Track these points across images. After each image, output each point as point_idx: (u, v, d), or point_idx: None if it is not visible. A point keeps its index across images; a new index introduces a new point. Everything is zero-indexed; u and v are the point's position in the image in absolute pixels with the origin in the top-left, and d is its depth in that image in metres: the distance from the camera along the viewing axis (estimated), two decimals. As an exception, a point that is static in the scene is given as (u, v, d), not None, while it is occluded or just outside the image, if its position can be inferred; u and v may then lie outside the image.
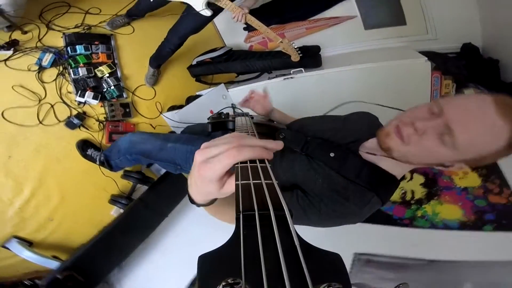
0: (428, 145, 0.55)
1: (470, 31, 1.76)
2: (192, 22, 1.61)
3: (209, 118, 0.91)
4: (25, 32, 1.57)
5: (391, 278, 1.15)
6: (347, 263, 1.23)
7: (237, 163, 0.32)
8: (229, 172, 0.34)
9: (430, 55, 1.59)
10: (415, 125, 0.56)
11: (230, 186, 0.33)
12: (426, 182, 1.42)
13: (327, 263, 0.19)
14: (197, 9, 1.45)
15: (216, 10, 1.51)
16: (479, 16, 1.72)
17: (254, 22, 1.54)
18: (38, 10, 1.61)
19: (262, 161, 0.33)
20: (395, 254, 1.19)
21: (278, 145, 0.36)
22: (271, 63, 2.03)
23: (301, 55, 1.67)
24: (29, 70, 1.52)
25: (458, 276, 1.08)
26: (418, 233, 1.27)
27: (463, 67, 1.54)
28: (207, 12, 1.46)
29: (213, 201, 0.44)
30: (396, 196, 1.41)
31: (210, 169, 0.32)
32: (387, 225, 1.32)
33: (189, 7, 1.49)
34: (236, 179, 0.30)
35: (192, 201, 0.43)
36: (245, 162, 0.32)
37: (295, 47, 1.66)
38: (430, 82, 1.55)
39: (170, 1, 1.51)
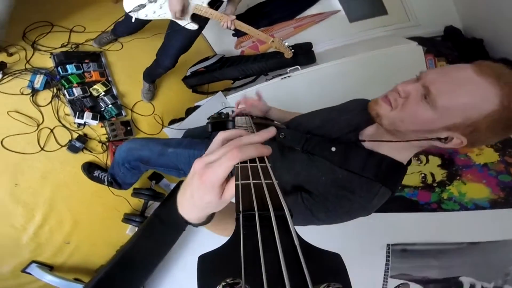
0: (412, 107, 0.58)
1: (448, 13, 1.87)
2: (180, 40, 1.54)
3: (209, 118, 0.91)
4: (11, 54, 1.51)
5: (434, 265, 1.12)
6: (382, 255, 1.19)
7: (237, 163, 0.32)
8: (227, 178, 0.33)
9: (418, 40, 1.66)
10: (399, 89, 0.60)
11: (229, 191, 0.32)
12: (444, 163, 1.39)
13: (327, 263, 0.19)
14: (182, 24, 1.41)
15: (202, 22, 1.48)
16: (452, -1, 1.83)
17: (243, 26, 1.53)
18: (20, 31, 1.56)
19: (262, 160, 0.33)
20: (430, 241, 1.16)
21: (270, 132, 0.36)
22: (266, 64, 2.06)
23: (293, 51, 1.71)
24: (22, 93, 1.46)
25: (507, 255, 1.05)
26: (449, 216, 1.23)
27: (453, 48, 1.63)
28: (194, 26, 1.42)
29: (210, 218, 0.42)
30: (416, 180, 1.38)
31: (213, 173, 0.31)
32: (415, 211, 1.28)
33: (172, 23, 1.45)
34: (236, 179, 0.30)
35: (186, 222, 0.40)
36: (245, 162, 0.32)
37: (287, 44, 1.69)
38: (426, 65, 1.63)
39: (151, 20, 1.46)
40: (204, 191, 0.32)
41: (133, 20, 1.44)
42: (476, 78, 0.51)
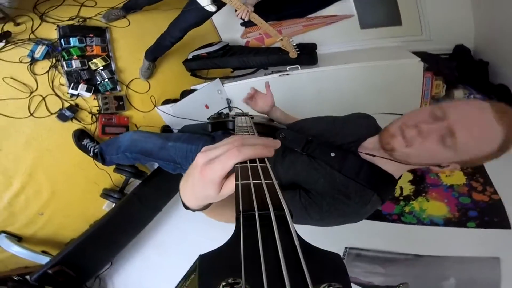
0: (430, 147, 0.58)
1: (463, 33, 1.79)
2: (194, 17, 1.61)
3: (209, 118, 0.92)
4: (18, 24, 1.52)
5: (380, 272, 1.18)
6: None
7: (237, 163, 0.32)
8: (228, 175, 0.34)
9: (423, 55, 1.61)
10: (419, 127, 0.59)
11: (227, 188, 0.33)
12: (414, 179, 1.46)
13: (327, 263, 0.20)
14: (203, 4, 1.45)
15: (220, 5, 1.51)
16: (473, 19, 1.75)
17: (257, 19, 1.54)
18: (32, 2, 1.57)
19: (262, 161, 0.33)
20: (383, 249, 1.23)
21: (276, 143, 0.36)
22: (268, 59, 2.03)
23: (299, 52, 1.68)
24: (20, 62, 1.48)
25: (443, 270, 1.12)
26: (405, 229, 1.30)
27: (455, 68, 1.57)
28: (212, 8, 1.46)
29: (207, 205, 0.44)
30: None
31: (212, 170, 0.32)
32: (377, 220, 1.35)
33: (192, 1, 1.49)
34: (236, 179, 0.30)
35: (186, 207, 0.43)
36: (245, 162, 0.32)
37: (294, 45, 1.67)
38: (422, 82, 1.58)
39: None
40: (203, 185, 0.33)
41: None
42: (497, 126, 0.53)
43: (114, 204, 1.65)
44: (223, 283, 0.16)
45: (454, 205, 1.30)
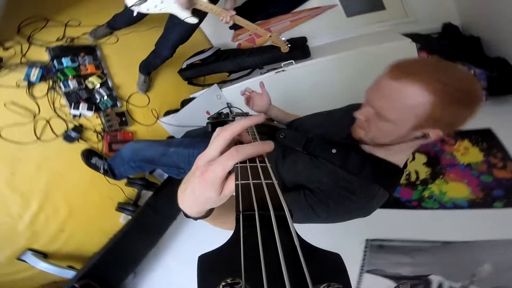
0: (375, 126, 0.64)
1: (447, 11, 1.83)
2: (179, 32, 1.59)
3: (209, 118, 0.92)
4: (7, 48, 1.53)
5: (407, 262, 1.14)
6: (360, 250, 1.22)
7: (237, 163, 0.32)
8: (228, 176, 0.33)
9: (414, 37, 1.65)
10: (357, 117, 0.67)
11: (228, 188, 0.33)
12: (429, 161, 1.40)
13: (327, 263, 0.19)
14: (182, 18, 1.44)
15: (202, 16, 1.51)
16: (453, -5, 1.79)
17: (242, 21, 1.56)
18: (15, 26, 1.57)
19: (262, 161, 0.33)
20: (407, 238, 1.17)
21: (270, 145, 0.35)
22: (262, 58, 2.06)
23: (289, 45, 1.71)
24: (18, 86, 1.49)
25: (476, 256, 1.06)
26: (428, 215, 1.25)
27: (448, 46, 1.61)
28: (194, 20, 1.45)
29: (209, 213, 0.43)
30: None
31: (213, 171, 0.31)
32: (396, 208, 1.30)
33: (172, 16, 1.48)
34: (236, 179, 0.30)
35: (186, 215, 0.41)
36: (245, 162, 0.32)
37: (284, 39, 1.70)
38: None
39: (152, 13, 1.48)
40: (204, 187, 0.33)
41: (134, 14, 1.47)
42: (396, 84, 0.57)
43: (130, 217, 1.65)
44: (223, 283, 0.16)
45: (476, 185, 1.24)
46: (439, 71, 0.56)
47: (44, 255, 1.42)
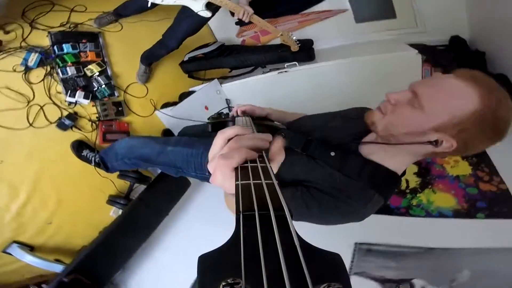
0: (401, 110, 0.63)
1: (457, 24, 1.81)
2: (189, 24, 1.57)
3: (209, 118, 0.91)
4: (8, 32, 1.48)
5: (392, 266, 1.19)
6: (349, 253, 1.27)
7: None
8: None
9: (420, 47, 1.63)
10: (388, 97, 0.65)
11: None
12: (420, 171, 1.46)
13: (327, 263, 0.19)
14: (195, 10, 1.42)
15: (215, 10, 1.49)
16: (466, 9, 1.77)
17: (256, 19, 1.54)
18: (20, 9, 1.52)
19: (262, 161, 0.34)
20: (393, 243, 1.23)
21: (268, 137, 0.38)
22: (265, 57, 2.03)
23: (299, 45, 1.69)
24: (14, 71, 1.45)
25: (456, 263, 1.12)
26: (414, 222, 1.31)
27: (453, 59, 1.59)
28: (207, 13, 1.43)
29: None
30: None
31: (215, 179, 0.34)
32: (385, 214, 1.35)
33: (184, 8, 1.46)
34: (236, 179, 0.30)
35: None
36: (245, 162, 0.33)
37: (295, 39, 1.68)
38: (421, 75, 1.60)
39: (166, 4, 1.46)
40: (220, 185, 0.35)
41: (149, 5, 1.45)
42: (455, 81, 0.57)
43: (120, 210, 1.64)
44: (223, 283, 0.16)
45: (462, 196, 1.31)
46: (499, 93, 0.56)
47: (30, 248, 1.39)
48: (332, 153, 0.71)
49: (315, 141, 0.75)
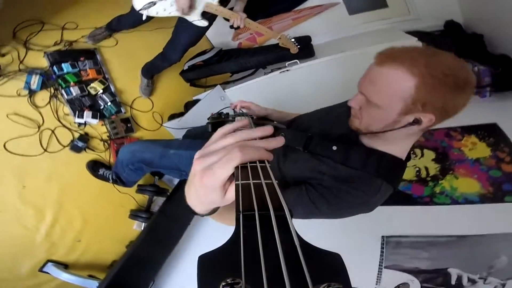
0: (366, 113, 0.66)
1: (449, 8, 1.85)
2: (188, 36, 1.56)
3: (209, 118, 0.91)
4: (3, 55, 1.45)
5: (425, 257, 1.16)
6: (377, 246, 1.25)
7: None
8: (231, 178, 0.32)
9: (418, 34, 1.67)
10: (350, 105, 0.69)
11: (231, 192, 0.32)
12: (438, 157, 1.43)
13: (327, 263, 0.19)
14: (191, 21, 1.42)
15: (211, 19, 1.49)
16: (455, -8, 1.82)
17: (252, 24, 1.54)
18: (10, 30, 1.49)
19: (262, 161, 0.33)
20: (422, 233, 1.20)
21: (279, 141, 0.35)
22: (265, 58, 2.04)
23: (299, 46, 1.70)
24: (19, 95, 1.43)
25: (492, 249, 1.09)
26: (441, 210, 1.27)
27: (451, 43, 1.64)
28: (204, 23, 1.43)
29: (215, 209, 0.43)
30: (411, 174, 1.42)
31: (213, 176, 0.30)
32: (409, 205, 1.32)
33: (181, 19, 1.46)
34: (236, 179, 0.29)
35: (193, 212, 0.41)
36: (245, 162, 0.32)
37: (293, 40, 1.69)
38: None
39: (160, 17, 1.44)
40: (206, 191, 0.32)
41: (143, 18, 1.43)
42: (381, 69, 0.60)
43: (143, 224, 1.65)
44: (223, 283, 0.16)
45: (486, 180, 1.26)
46: (424, 56, 0.58)
47: (64, 266, 1.43)
48: (334, 147, 0.72)
49: (316, 137, 0.76)
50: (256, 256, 0.18)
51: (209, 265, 0.19)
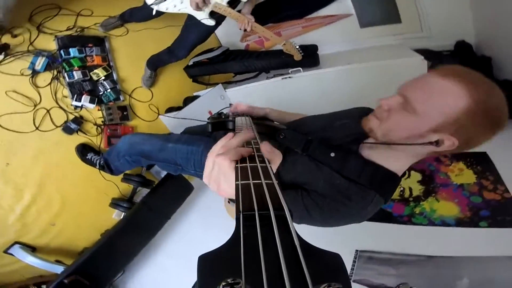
0: (395, 116, 0.63)
1: (463, 28, 1.80)
2: (197, 34, 1.59)
3: (209, 118, 0.91)
4: (15, 36, 1.50)
5: (392, 274, 1.18)
6: (350, 260, 1.28)
7: (237, 163, 0.33)
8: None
9: (425, 53, 1.61)
10: (380, 103, 0.66)
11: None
12: (424, 179, 1.45)
13: (327, 263, 0.19)
14: (199, 19, 1.44)
15: (220, 19, 1.50)
16: (472, 14, 1.76)
17: (259, 28, 1.54)
18: (27, 13, 1.55)
19: (262, 161, 0.34)
20: (395, 251, 1.23)
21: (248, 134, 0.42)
22: (270, 62, 2.04)
23: (303, 54, 1.69)
24: (22, 74, 1.47)
25: (456, 271, 1.12)
26: (417, 230, 1.31)
27: (459, 64, 1.57)
28: (211, 22, 1.45)
29: None
30: (395, 193, 1.45)
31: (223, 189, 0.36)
32: (388, 222, 1.35)
33: (190, 17, 1.48)
34: (236, 179, 0.30)
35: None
36: (245, 162, 0.33)
37: (298, 48, 1.68)
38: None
39: (170, 12, 1.49)
40: (226, 170, 0.35)
41: (153, 13, 1.47)
42: (442, 81, 0.58)
43: (123, 213, 1.64)
44: (223, 283, 0.16)
45: (465, 205, 1.31)
46: (487, 84, 0.57)
47: (32, 249, 1.40)
48: (332, 154, 0.71)
49: (315, 142, 0.75)
50: (256, 256, 0.18)
51: (209, 265, 0.19)
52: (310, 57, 1.94)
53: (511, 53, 1.52)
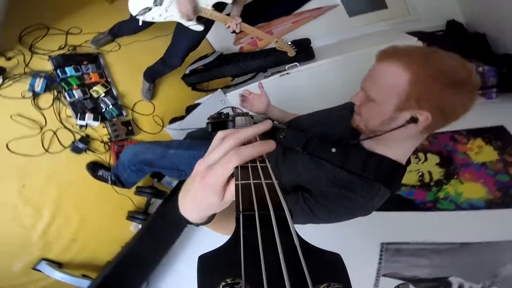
0: (365, 109, 0.67)
1: (449, 8, 1.83)
2: (186, 40, 1.59)
3: (209, 118, 0.92)
4: (9, 59, 1.51)
5: (425, 265, 1.12)
6: (376, 254, 1.21)
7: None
8: (230, 180, 0.32)
9: (419, 35, 1.64)
10: (353, 101, 0.71)
11: (230, 193, 0.32)
12: (442, 161, 1.38)
13: (327, 263, 0.19)
14: (186, 25, 1.44)
15: (208, 23, 1.50)
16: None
17: (248, 28, 1.54)
18: (16, 35, 1.55)
19: (262, 161, 0.33)
20: (423, 240, 1.15)
21: (266, 124, 0.37)
22: (265, 62, 2.05)
23: (296, 50, 1.70)
24: (23, 97, 1.48)
25: (497, 257, 1.04)
26: (444, 216, 1.22)
27: (453, 44, 1.60)
28: (199, 27, 1.45)
29: (211, 218, 0.42)
30: (414, 179, 1.38)
31: (213, 176, 0.31)
32: (411, 211, 1.28)
33: (179, 24, 1.48)
34: (236, 179, 0.29)
35: (188, 221, 0.39)
36: (245, 162, 0.32)
37: (290, 44, 1.69)
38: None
39: (157, 22, 1.48)
40: (206, 192, 0.32)
41: (140, 24, 1.46)
42: (380, 65, 0.63)
43: (140, 225, 1.65)
44: (223, 283, 0.16)
45: (493, 185, 1.20)
46: (422, 54, 0.59)
47: (58, 265, 1.44)
48: (333, 149, 0.71)
49: (316, 139, 0.75)
50: (256, 256, 0.18)
51: (209, 265, 0.20)
52: (304, 51, 1.97)
53: (503, 28, 1.52)
